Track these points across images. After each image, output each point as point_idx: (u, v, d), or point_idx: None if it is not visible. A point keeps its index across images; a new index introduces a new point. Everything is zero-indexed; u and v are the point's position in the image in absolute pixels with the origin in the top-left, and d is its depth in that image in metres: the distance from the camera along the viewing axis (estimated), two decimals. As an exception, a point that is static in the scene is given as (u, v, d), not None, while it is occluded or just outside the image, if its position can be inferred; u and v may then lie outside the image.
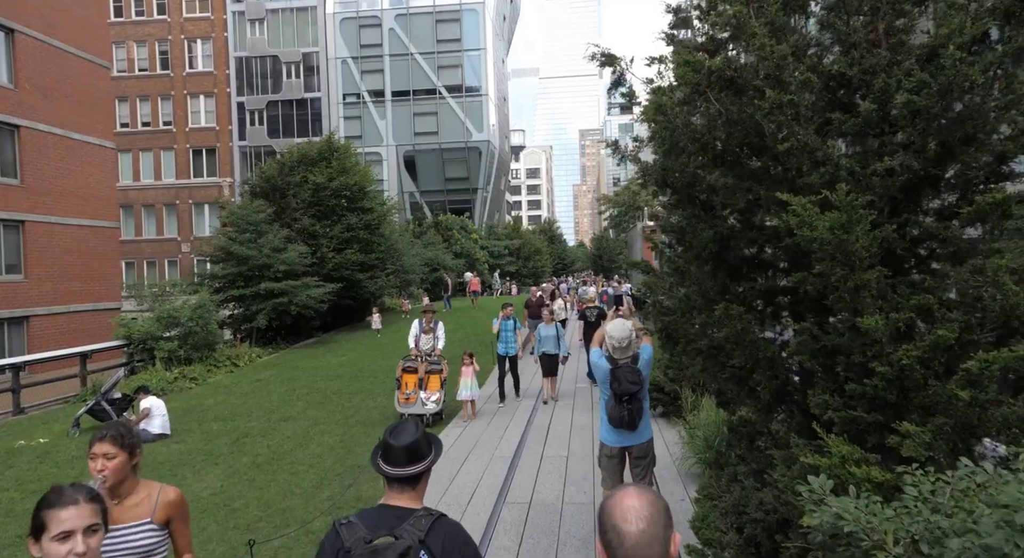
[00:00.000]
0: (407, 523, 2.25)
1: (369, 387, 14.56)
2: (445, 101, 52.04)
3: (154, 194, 47.61)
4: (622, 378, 5.65)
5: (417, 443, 2.42)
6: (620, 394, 5.64)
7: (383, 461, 2.43)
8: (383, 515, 2.32)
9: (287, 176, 24.41)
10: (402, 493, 2.39)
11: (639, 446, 5.90)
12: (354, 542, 2.19)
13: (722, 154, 3.98)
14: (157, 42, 48.61)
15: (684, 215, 4.54)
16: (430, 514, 2.30)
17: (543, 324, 12.59)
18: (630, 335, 5.95)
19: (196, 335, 16.68)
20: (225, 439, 10.51)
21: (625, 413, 5.66)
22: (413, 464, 2.40)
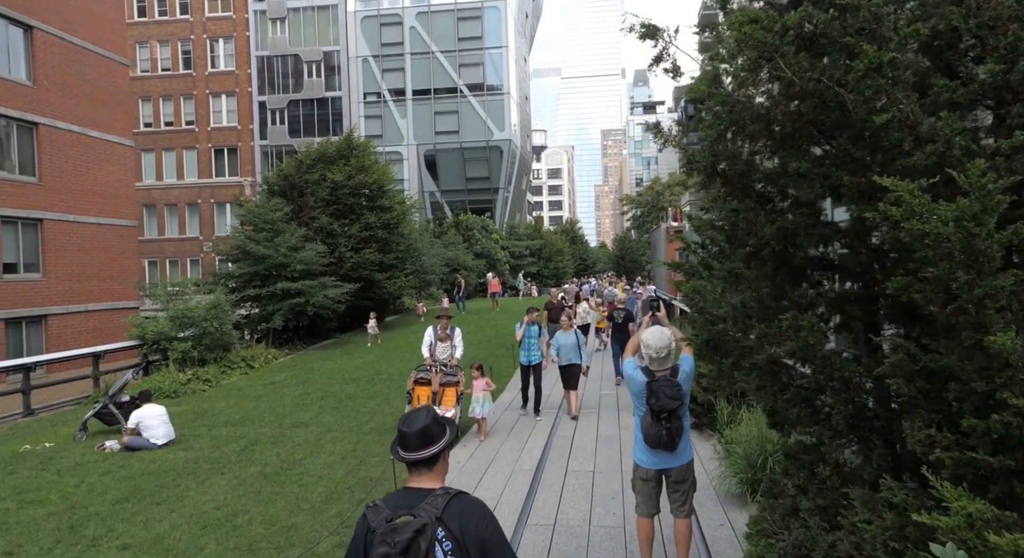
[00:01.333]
0: (425, 502, 2.38)
1: (385, 391, 14.05)
2: (466, 100, 51.56)
3: (176, 193, 47.76)
4: (660, 393, 4.96)
5: (428, 428, 2.55)
6: (658, 411, 4.96)
7: (399, 448, 2.58)
8: (405, 496, 2.47)
9: (305, 174, 24.03)
10: (421, 475, 2.54)
11: (678, 469, 5.25)
12: (378, 522, 2.36)
13: (791, 134, 3.35)
14: (180, 42, 48.74)
15: (738, 208, 3.92)
16: (447, 492, 2.43)
17: (561, 331, 11.40)
18: (669, 344, 5.29)
19: (211, 336, 16.29)
20: (234, 446, 10.04)
21: (663, 432, 4.97)
22: (426, 447, 2.53)
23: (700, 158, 4.16)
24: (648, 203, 77.52)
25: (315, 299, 20.25)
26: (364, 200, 25.09)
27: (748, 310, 3.90)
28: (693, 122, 4.43)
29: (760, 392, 4.06)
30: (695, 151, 4.39)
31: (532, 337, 11.43)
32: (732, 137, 4.18)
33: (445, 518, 2.33)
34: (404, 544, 2.25)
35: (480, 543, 2.35)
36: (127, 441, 9.86)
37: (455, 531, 2.33)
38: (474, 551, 2.34)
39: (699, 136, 4.32)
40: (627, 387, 5.40)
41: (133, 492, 7.94)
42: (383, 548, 2.27)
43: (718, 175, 4.20)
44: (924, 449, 2.69)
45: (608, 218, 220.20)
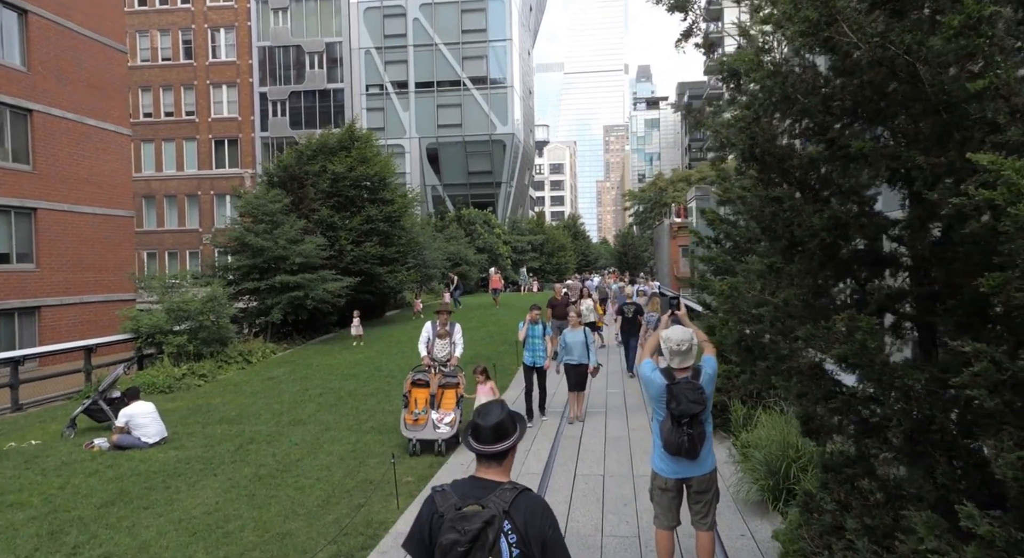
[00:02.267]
0: (493, 494, 2.46)
1: (385, 388, 13.67)
2: (469, 93, 51.08)
3: (176, 185, 47.36)
4: (681, 396, 4.62)
5: (503, 423, 2.64)
6: (679, 415, 4.62)
7: (472, 439, 2.65)
8: (473, 486, 2.56)
9: (305, 165, 23.59)
10: (490, 468, 2.61)
11: (700, 478, 4.86)
12: (446, 508, 2.45)
13: (852, 110, 2.95)
14: (180, 31, 48.24)
15: (781, 197, 3.51)
16: (515, 488, 2.51)
17: (569, 329, 10.71)
18: (691, 338, 4.93)
19: (207, 329, 15.89)
20: (228, 445, 9.66)
21: (685, 438, 4.64)
22: (499, 442, 2.61)
23: (737, 140, 3.75)
24: (651, 199, 77.08)
25: (314, 293, 19.85)
26: (365, 192, 24.66)
27: (791, 309, 3.49)
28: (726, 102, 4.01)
29: (801, 399, 3.66)
30: (730, 133, 3.98)
31: (536, 337, 10.65)
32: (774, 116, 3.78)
33: (512, 512, 2.44)
34: (474, 533, 2.36)
35: (541, 541, 2.44)
36: (116, 439, 9.49)
37: (520, 526, 2.42)
38: (536, 548, 2.43)
39: (734, 116, 3.91)
40: (645, 391, 5.04)
41: (120, 495, 7.56)
42: (453, 534, 2.38)
43: (755, 159, 3.79)
44: (1016, 473, 2.30)
45: (609, 214, 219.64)
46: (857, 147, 2.79)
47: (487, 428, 2.62)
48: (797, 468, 6.40)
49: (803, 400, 3.61)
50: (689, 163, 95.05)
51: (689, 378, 4.74)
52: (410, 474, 8.17)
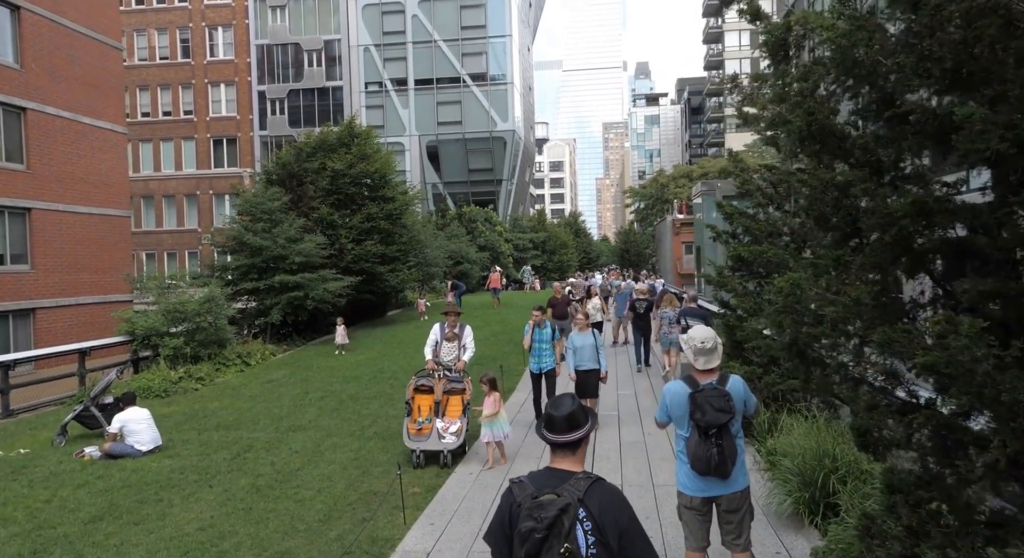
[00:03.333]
0: (568, 483, 2.54)
1: (389, 391, 13.23)
2: (469, 90, 50.63)
3: (175, 184, 46.97)
4: (706, 405, 4.20)
5: (574, 413, 2.72)
6: (705, 426, 4.19)
7: (546, 430, 2.73)
8: (549, 476, 2.62)
9: (305, 162, 23.13)
10: (564, 458, 2.67)
11: (730, 497, 4.40)
12: (524, 498, 2.53)
13: (954, 71, 2.49)
14: (178, 30, 47.79)
15: (852, 179, 3.06)
16: (589, 477, 2.59)
17: (577, 331, 9.84)
18: (714, 336, 4.53)
19: (204, 331, 15.45)
20: (225, 453, 9.21)
21: (714, 452, 4.19)
22: (573, 431, 2.69)
23: (793, 117, 3.29)
24: (652, 196, 76.63)
25: (315, 293, 19.40)
26: (366, 190, 24.22)
27: (861, 310, 3.04)
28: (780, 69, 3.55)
29: (872, 413, 3.20)
30: (782, 109, 3.52)
31: (543, 341, 9.90)
32: (833, 88, 3.32)
33: (586, 500, 2.48)
34: (550, 520, 2.41)
35: (618, 530, 2.46)
36: (108, 448, 9.04)
37: (595, 514, 2.46)
38: (612, 536, 2.45)
39: (790, 90, 3.45)
40: (668, 411, 4.49)
41: (109, 509, 7.12)
42: (529, 522, 2.43)
43: (813, 139, 3.33)
44: None
45: (609, 211, 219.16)
46: (964, 115, 2.34)
47: (560, 418, 2.71)
48: (836, 480, 5.95)
49: (874, 414, 3.15)
50: (690, 159, 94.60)
51: (714, 384, 4.32)
52: (416, 484, 7.73)
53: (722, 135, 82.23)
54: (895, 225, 2.88)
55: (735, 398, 4.30)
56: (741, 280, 9.62)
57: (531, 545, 2.41)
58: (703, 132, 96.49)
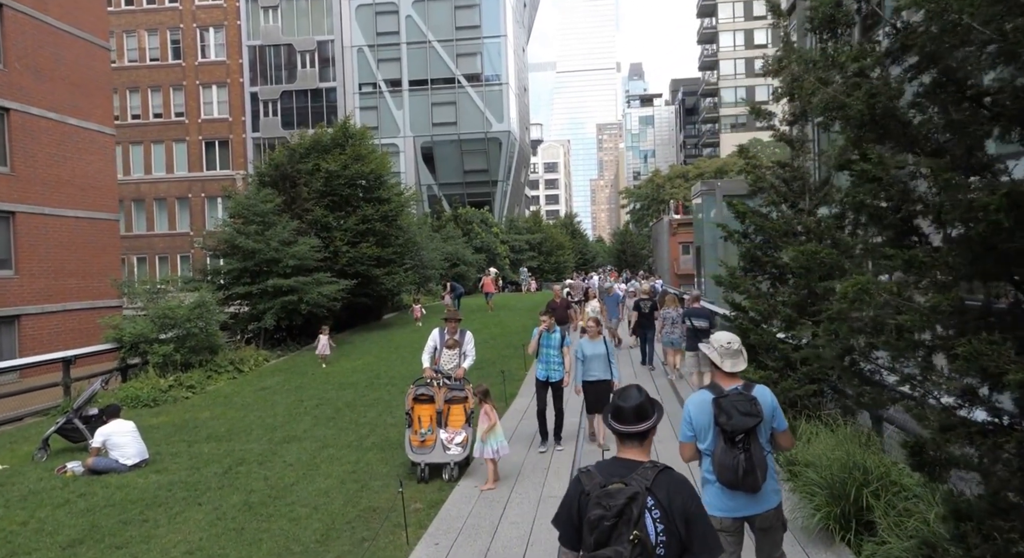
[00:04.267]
0: (635, 473, 2.61)
1: (387, 398, 12.79)
2: (464, 90, 50.19)
3: (166, 187, 46.45)
4: (731, 408, 3.86)
5: (643, 405, 2.81)
6: (731, 431, 3.84)
7: (615, 421, 2.81)
8: (616, 465, 2.72)
9: (298, 163, 22.66)
10: (632, 448, 2.77)
11: (764, 516, 4.03)
12: (592, 487, 2.61)
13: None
14: (168, 30, 47.26)
15: (934, 168, 2.65)
16: (656, 466, 2.65)
17: (587, 339, 9.01)
18: (738, 338, 4.27)
19: (195, 337, 14.96)
20: (215, 467, 8.76)
21: (741, 458, 3.82)
22: (641, 422, 2.78)
23: (852, 100, 2.88)
24: (648, 196, 76.42)
25: (309, 297, 18.93)
26: (361, 191, 23.77)
27: (939, 316, 2.63)
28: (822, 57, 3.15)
29: (948, 434, 2.79)
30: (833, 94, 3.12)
31: (552, 346, 9.12)
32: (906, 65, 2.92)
33: (654, 489, 2.54)
34: (619, 508, 2.47)
35: (685, 516, 2.53)
36: (92, 463, 8.57)
37: (663, 501, 2.53)
38: (679, 522, 2.52)
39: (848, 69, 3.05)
40: (692, 422, 4.10)
41: (90, 531, 6.66)
42: (598, 510, 2.50)
43: (875, 124, 2.92)
44: None
45: (604, 212, 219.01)
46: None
47: (629, 409, 2.78)
48: (869, 494, 5.56)
49: (951, 435, 2.74)
50: (684, 159, 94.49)
51: (740, 389, 4.00)
52: (419, 499, 7.31)
53: (717, 135, 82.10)
54: (984, 221, 2.47)
55: (763, 405, 3.96)
56: (754, 281, 9.24)
57: (600, 532, 2.49)
58: (698, 133, 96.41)
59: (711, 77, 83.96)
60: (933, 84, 2.87)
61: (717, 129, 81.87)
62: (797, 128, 8.80)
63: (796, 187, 8.85)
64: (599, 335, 9.00)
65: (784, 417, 4.22)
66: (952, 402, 2.84)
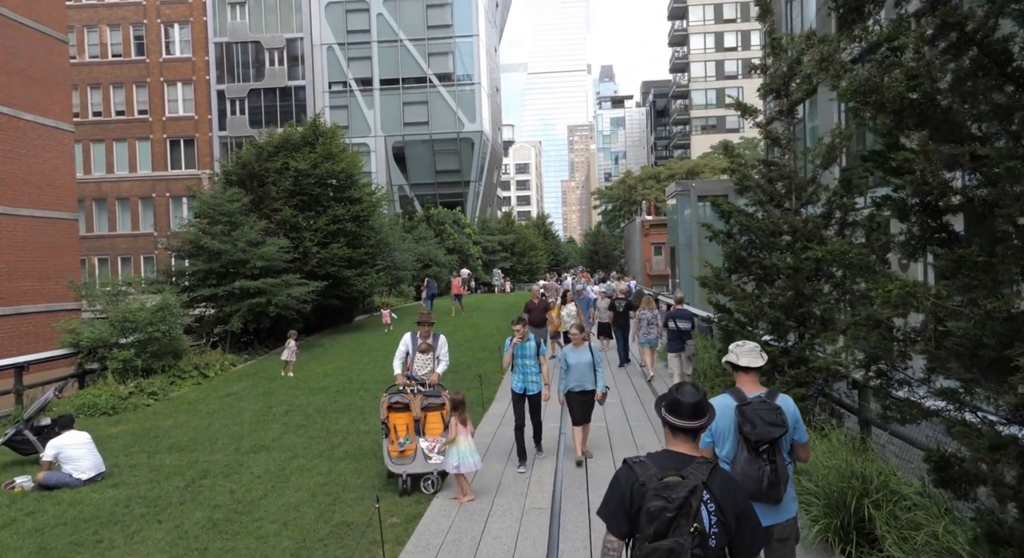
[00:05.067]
0: (691, 467, 2.67)
1: (359, 403, 12.36)
2: (436, 90, 49.74)
3: (129, 187, 45.25)
4: (755, 418, 3.72)
5: (701, 403, 2.86)
6: (756, 441, 3.70)
7: (671, 414, 2.86)
8: (670, 458, 2.77)
9: (266, 162, 22.02)
10: (685, 442, 2.83)
11: (783, 525, 3.89)
12: (647, 477, 2.64)
13: None
14: (131, 26, 46.04)
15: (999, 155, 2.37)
16: (708, 462, 2.72)
17: (571, 347, 8.37)
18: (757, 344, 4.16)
19: (157, 341, 14.34)
20: (178, 480, 8.26)
21: (767, 469, 3.68)
22: (697, 419, 2.84)
23: (890, 84, 2.60)
24: (620, 197, 76.60)
25: (278, 299, 18.34)
26: (331, 190, 23.20)
27: (994, 323, 2.35)
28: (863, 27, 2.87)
29: (998, 454, 2.51)
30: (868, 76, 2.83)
31: (527, 356, 8.39)
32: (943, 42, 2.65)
33: (710, 484, 2.64)
34: (680, 501, 2.55)
35: (736, 511, 2.66)
36: (43, 478, 8.02)
37: (718, 496, 2.63)
38: (731, 516, 2.64)
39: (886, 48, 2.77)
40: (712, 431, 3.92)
41: (38, 554, 6.16)
42: (659, 502, 2.57)
43: (913, 110, 2.64)
44: None
45: (575, 213, 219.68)
46: None
47: (688, 405, 2.84)
48: (869, 504, 5.32)
49: (1000, 455, 2.46)
50: (655, 161, 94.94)
51: (763, 397, 3.89)
52: (395, 513, 6.93)
53: (688, 137, 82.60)
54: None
55: (787, 415, 3.85)
56: (739, 282, 9.02)
57: (661, 523, 2.53)
58: (668, 134, 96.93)
59: (682, 79, 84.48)
60: (974, 66, 2.60)
61: (688, 131, 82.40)
62: (783, 125, 8.60)
63: (782, 186, 8.64)
64: (584, 342, 8.42)
65: (805, 429, 4.09)
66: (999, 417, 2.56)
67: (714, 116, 78.73)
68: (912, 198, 2.93)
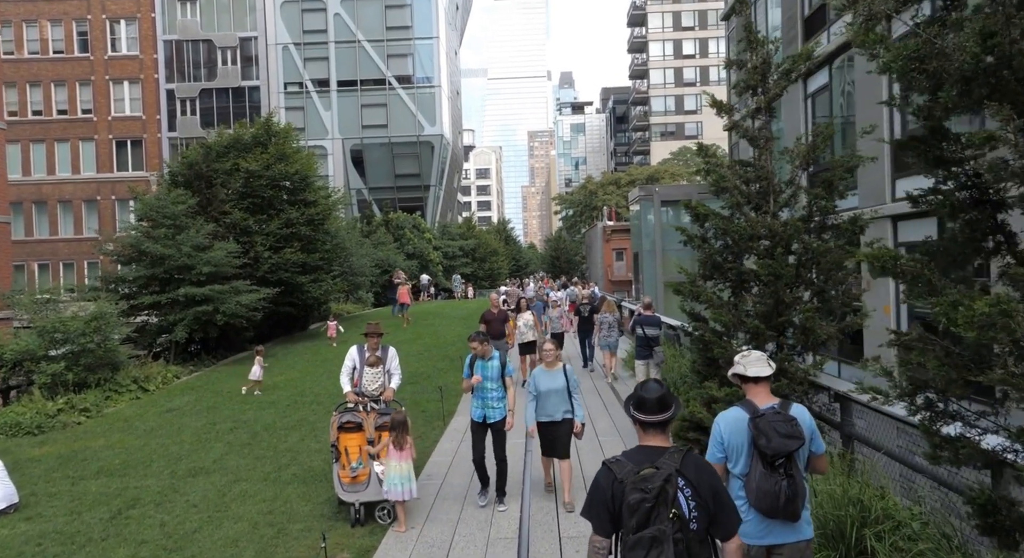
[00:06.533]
0: (663, 457, 2.82)
1: (311, 418, 11.58)
2: (395, 92, 48.86)
3: (72, 189, 43.34)
4: (770, 430, 3.51)
5: (664, 397, 3.02)
6: (772, 455, 3.49)
7: (637, 410, 3.03)
8: (644, 452, 2.92)
9: (214, 162, 20.97)
10: (655, 436, 2.99)
11: (796, 546, 3.66)
12: (625, 474, 2.77)
13: None
14: (75, 22, 44.17)
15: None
16: (680, 449, 2.89)
17: (542, 368, 7.15)
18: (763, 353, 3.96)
19: (91, 353, 13.31)
20: (102, 511, 7.41)
21: (784, 484, 3.48)
22: (663, 412, 2.99)
23: (958, 52, 2.06)
24: (580, 202, 76.51)
25: (226, 306, 17.35)
26: (284, 193, 22.24)
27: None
28: None
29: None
30: (926, 38, 2.29)
31: (491, 379, 7.17)
32: None
33: (683, 470, 2.77)
34: (656, 490, 2.68)
35: (712, 492, 2.79)
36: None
37: (692, 480, 2.77)
38: (707, 498, 2.77)
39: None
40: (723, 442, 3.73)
41: (-77, 608, 5.31)
42: (638, 494, 2.69)
43: (987, 77, 2.10)
44: None
45: (535, 219, 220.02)
46: None
47: (652, 400, 3.00)
48: (871, 536, 4.83)
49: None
50: (615, 167, 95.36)
51: (776, 407, 3.71)
52: (346, 547, 6.24)
53: (647, 143, 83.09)
54: None
55: (802, 426, 3.65)
56: (715, 289, 8.56)
57: (641, 514, 2.65)
58: (628, 140, 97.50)
59: (641, 86, 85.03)
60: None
61: (648, 137, 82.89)
62: (760, 123, 8.16)
63: (758, 188, 8.21)
64: (558, 363, 7.13)
65: (822, 439, 3.87)
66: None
67: (673, 123, 79.35)
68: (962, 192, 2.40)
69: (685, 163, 66.80)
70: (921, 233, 11.30)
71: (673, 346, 14.45)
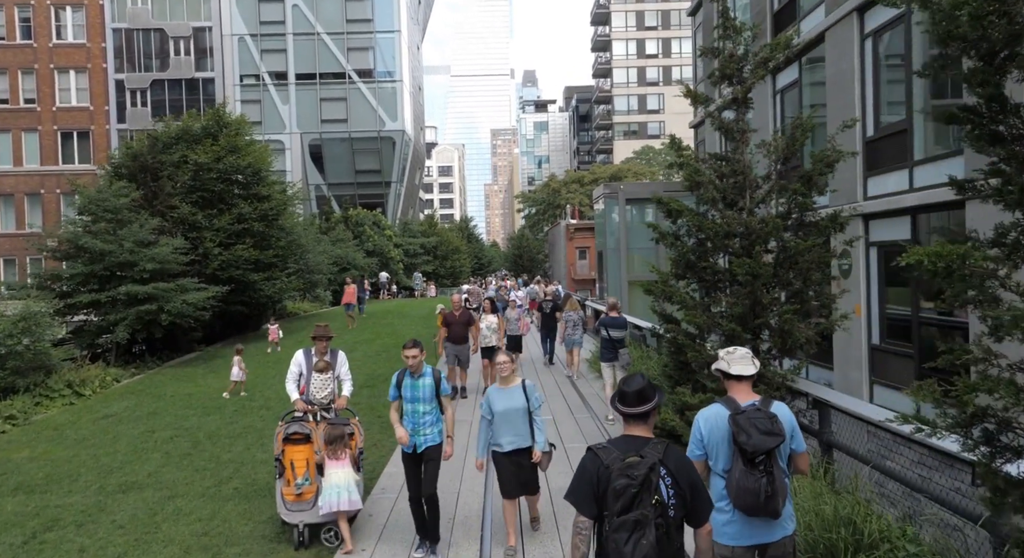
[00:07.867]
0: (647, 447, 2.98)
1: (259, 426, 10.86)
2: (356, 86, 47.81)
3: (13, 182, 41.52)
4: (749, 426, 3.51)
5: (644, 390, 3.16)
6: (752, 452, 3.47)
7: (620, 403, 3.18)
8: (629, 442, 3.07)
9: (161, 154, 19.91)
10: (637, 426, 3.14)
11: (779, 543, 3.65)
12: (611, 460, 2.94)
13: None
14: (17, 7, 42.30)
15: None
16: (662, 441, 3.04)
17: (497, 385, 6.02)
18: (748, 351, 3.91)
19: (19, 356, 12.34)
20: (15, 534, 6.64)
21: (764, 481, 3.45)
22: (643, 404, 3.13)
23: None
24: (543, 201, 76.22)
25: (171, 306, 16.40)
26: (236, 187, 21.29)
27: None
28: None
29: None
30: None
31: (421, 400, 5.88)
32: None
33: (665, 460, 2.95)
34: (641, 477, 2.83)
35: (689, 482, 2.97)
36: None
37: (673, 471, 2.94)
38: (686, 488, 2.95)
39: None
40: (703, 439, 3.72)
41: None
42: (623, 480, 2.85)
43: None
44: None
45: (498, 217, 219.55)
46: None
47: (632, 393, 3.14)
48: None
49: None
50: (578, 165, 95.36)
51: (757, 404, 3.67)
52: (288, 574, 5.60)
53: (610, 142, 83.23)
54: None
55: (783, 423, 3.63)
56: (688, 290, 8.14)
57: (626, 499, 2.82)
58: (591, 139, 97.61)
59: (604, 85, 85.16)
60: None
61: (611, 136, 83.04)
62: (735, 115, 7.76)
63: (735, 182, 7.80)
64: (516, 378, 5.99)
65: (803, 438, 3.86)
66: None
67: (636, 122, 79.58)
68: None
69: (648, 162, 67.02)
70: (895, 233, 11.10)
71: (640, 347, 14.08)
